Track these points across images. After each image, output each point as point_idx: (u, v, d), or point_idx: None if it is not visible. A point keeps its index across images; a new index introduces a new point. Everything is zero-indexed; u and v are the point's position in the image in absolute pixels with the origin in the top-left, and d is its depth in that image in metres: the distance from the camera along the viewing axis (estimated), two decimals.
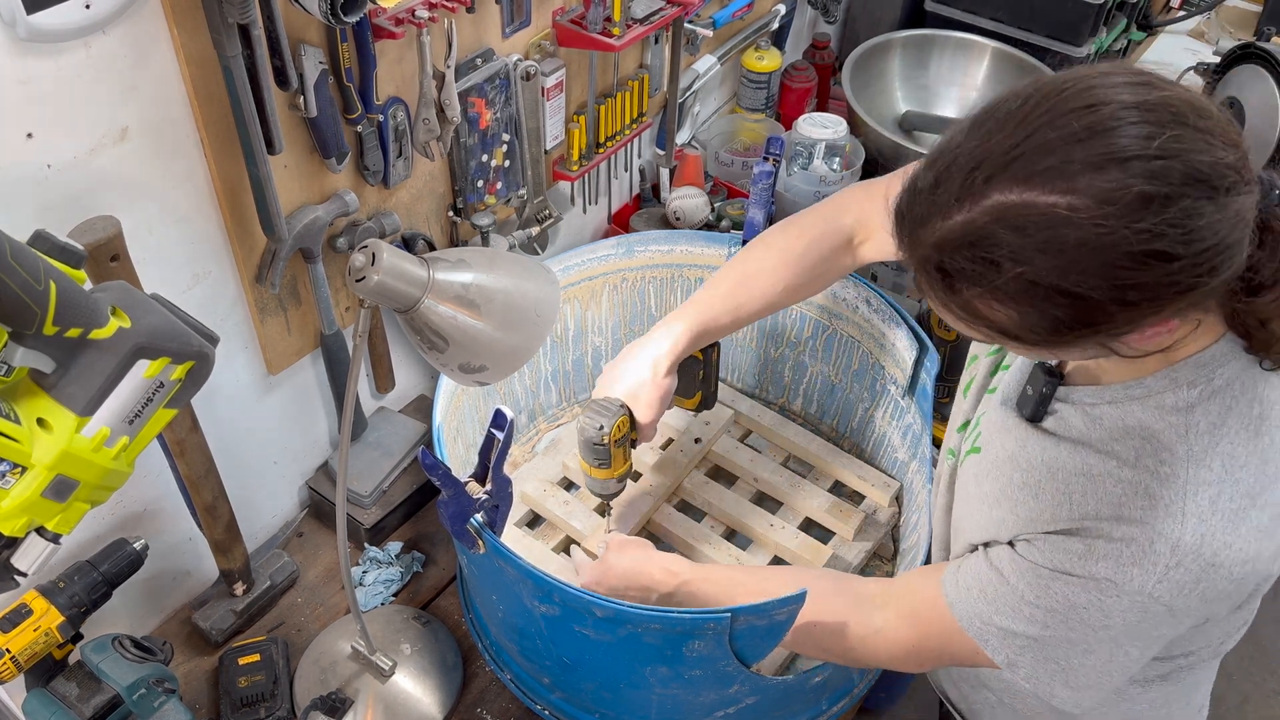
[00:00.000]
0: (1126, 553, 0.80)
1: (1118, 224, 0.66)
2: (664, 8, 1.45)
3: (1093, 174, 0.66)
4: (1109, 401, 0.85)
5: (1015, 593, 0.87)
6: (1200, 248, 0.67)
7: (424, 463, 0.95)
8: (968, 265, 0.71)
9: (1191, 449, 0.80)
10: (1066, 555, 0.83)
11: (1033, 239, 0.68)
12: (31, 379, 0.73)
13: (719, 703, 1.10)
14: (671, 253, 1.47)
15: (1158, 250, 0.66)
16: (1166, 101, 0.68)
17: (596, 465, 1.19)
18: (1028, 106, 0.70)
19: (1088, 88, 0.69)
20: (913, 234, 0.75)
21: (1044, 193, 0.67)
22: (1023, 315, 0.72)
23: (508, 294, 0.91)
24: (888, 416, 1.42)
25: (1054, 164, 0.67)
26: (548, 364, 1.50)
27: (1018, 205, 0.68)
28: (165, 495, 1.23)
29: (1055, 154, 0.68)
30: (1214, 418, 0.80)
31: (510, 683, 1.24)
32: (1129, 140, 0.66)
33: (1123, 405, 0.84)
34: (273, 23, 0.99)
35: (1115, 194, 0.66)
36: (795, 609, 0.95)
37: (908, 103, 2.05)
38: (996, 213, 0.69)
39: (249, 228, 1.14)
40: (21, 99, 0.88)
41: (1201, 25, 2.51)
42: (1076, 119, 0.68)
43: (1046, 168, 0.68)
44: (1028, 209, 0.68)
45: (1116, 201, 0.66)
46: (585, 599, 0.99)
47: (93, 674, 1.03)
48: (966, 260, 0.71)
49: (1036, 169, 0.68)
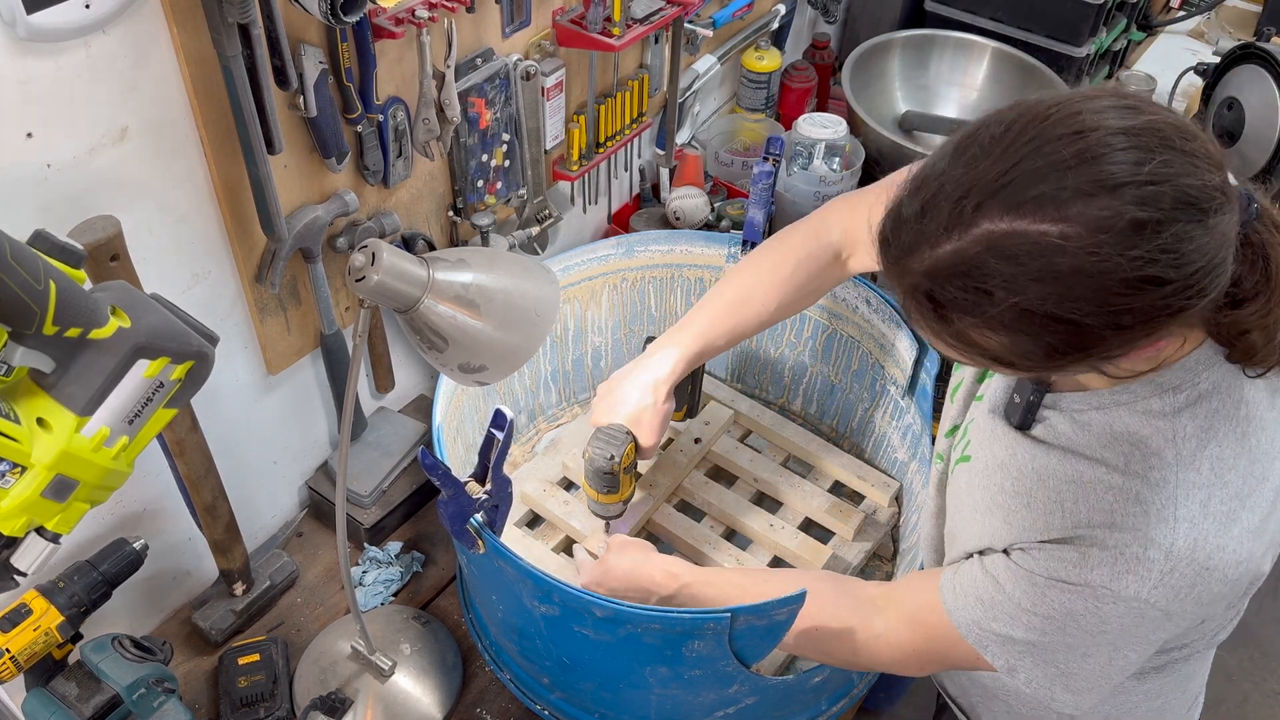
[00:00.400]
0: (1121, 560, 0.80)
1: (1111, 251, 0.66)
2: (664, 8, 1.45)
3: (1084, 201, 0.66)
4: (1095, 407, 0.85)
5: (1012, 600, 0.87)
6: (1190, 270, 0.67)
7: (423, 463, 0.95)
8: (960, 295, 0.70)
9: (1180, 453, 0.80)
10: (1061, 564, 0.84)
11: (1025, 268, 0.67)
12: (31, 379, 0.73)
13: (719, 703, 1.10)
14: (671, 253, 1.47)
15: (1151, 275, 0.66)
16: (1153, 126, 0.68)
17: (605, 491, 1.20)
18: (1013, 132, 0.70)
19: (1074, 113, 0.69)
20: (899, 261, 0.74)
21: (1035, 221, 0.67)
22: (1016, 342, 0.71)
23: (508, 294, 0.91)
24: (887, 417, 1.42)
25: (1044, 192, 0.67)
26: (547, 364, 1.50)
27: (1009, 234, 0.68)
28: (165, 495, 1.23)
29: (1045, 181, 0.67)
30: (1201, 421, 0.80)
31: (510, 683, 1.24)
32: (1119, 167, 0.66)
33: (1109, 411, 0.84)
34: (273, 22, 0.99)
35: (1108, 221, 0.66)
36: (795, 609, 0.95)
37: (908, 103, 2.05)
38: (987, 242, 0.68)
39: (249, 227, 1.14)
40: (21, 99, 0.88)
41: (1201, 25, 2.51)
42: (1065, 145, 0.67)
43: (1037, 195, 0.67)
44: (1019, 238, 0.67)
45: (1109, 229, 0.65)
46: (585, 599, 0.99)
47: (92, 674, 1.03)
48: (958, 290, 0.70)
49: (1026, 197, 0.67)
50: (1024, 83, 1.98)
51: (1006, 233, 0.68)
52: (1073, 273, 0.67)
